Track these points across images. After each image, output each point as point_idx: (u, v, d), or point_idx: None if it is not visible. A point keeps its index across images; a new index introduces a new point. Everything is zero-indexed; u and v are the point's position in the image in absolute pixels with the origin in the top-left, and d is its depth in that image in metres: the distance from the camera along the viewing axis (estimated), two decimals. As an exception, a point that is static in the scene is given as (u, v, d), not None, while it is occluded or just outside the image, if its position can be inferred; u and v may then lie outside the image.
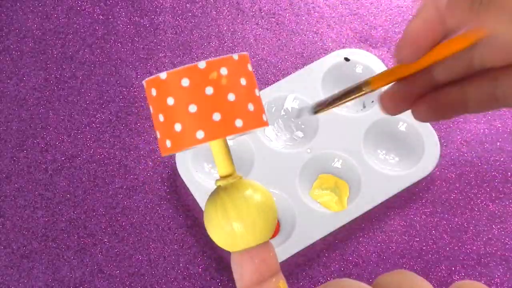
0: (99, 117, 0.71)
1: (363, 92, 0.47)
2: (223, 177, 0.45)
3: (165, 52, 0.74)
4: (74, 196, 0.68)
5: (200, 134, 0.42)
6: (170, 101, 0.42)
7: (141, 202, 0.68)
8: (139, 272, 0.65)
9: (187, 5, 0.76)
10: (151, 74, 0.72)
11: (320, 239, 0.65)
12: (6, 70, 0.73)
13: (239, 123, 0.42)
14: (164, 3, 0.76)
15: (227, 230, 0.43)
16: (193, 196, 0.66)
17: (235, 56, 0.43)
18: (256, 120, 0.43)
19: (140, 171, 0.69)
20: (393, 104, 0.47)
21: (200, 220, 0.67)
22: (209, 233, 0.45)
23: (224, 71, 0.42)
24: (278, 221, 0.66)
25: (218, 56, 0.73)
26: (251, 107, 0.43)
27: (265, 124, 0.44)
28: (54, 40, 0.74)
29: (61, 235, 0.67)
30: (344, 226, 0.65)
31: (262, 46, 0.74)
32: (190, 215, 0.67)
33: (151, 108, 0.44)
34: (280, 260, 0.63)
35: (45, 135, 0.70)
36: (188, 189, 0.67)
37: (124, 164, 0.69)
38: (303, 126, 0.69)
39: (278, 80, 0.71)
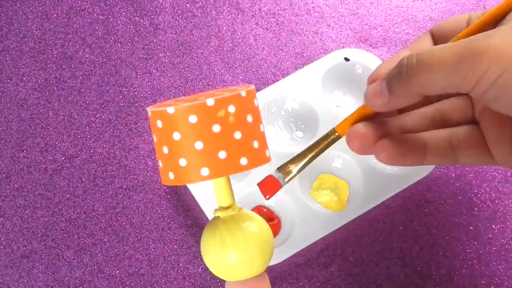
0: (99, 117, 0.71)
1: (331, 139, 0.48)
2: (222, 208, 0.45)
3: (165, 52, 0.74)
4: (74, 196, 0.68)
5: (205, 172, 0.41)
6: (177, 136, 0.41)
7: (141, 202, 0.68)
8: (139, 272, 0.65)
9: (187, 5, 0.76)
10: (151, 74, 0.73)
11: (320, 239, 0.65)
12: (6, 70, 0.73)
13: (244, 161, 0.42)
14: (164, 3, 0.76)
15: (225, 261, 0.44)
16: (193, 196, 0.66)
17: (243, 93, 0.42)
18: (260, 158, 0.43)
19: (140, 171, 0.69)
20: (358, 143, 0.48)
21: (200, 220, 0.67)
22: (205, 262, 0.45)
23: (232, 108, 0.41)
24: (278, 221, 0.66)
25: (218, 55, 0.74)
26: (256, 144, 0.42)
27: (268, 160, 0.44)
28: (54, 40, 0.74)
29: (61, 235, 0.67)
30: (344, 226, 0.65)
31: (262, 46, 0.74)
32: (190, 215, 0.67)
33: (154, 138, 0.43)
34: (280, 260, 0.63)
35: (45, 135, 0.70)
36: (188, 189, 0.67)
37: (124, 164, 0.69)
38: (303, 126, 0.69)
39: (278, 80, 0.71)
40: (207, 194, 0.66)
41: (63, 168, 0.69)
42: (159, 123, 0.42)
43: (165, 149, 0.42)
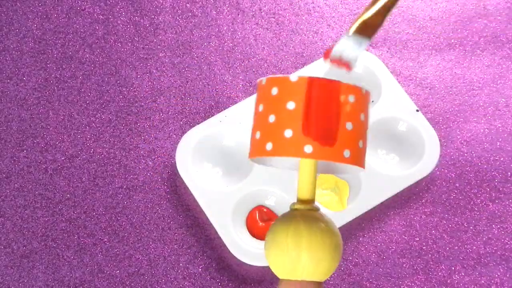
0: (99, 117, 0.71)
1: None
2: (302, 201, 0.43)
3: (165, 52, 0.74)
4: (74, 196, 0.68)
5: (308, 149, 0.40)
6: (291, 105, 0.40)
7: (141, 202, 0.68)
8: (139, 272, 0.65)
9: (187, 5, 0.76)
10: (151, 74, 0.73)
11: (320, 239, 0.65)
12: (6, 70, 0.73)
13: (347, 154, 0.40)
14: (164, 3, 0.76)
15: (292, 256, 0.41)
16: (193, 196, 0.66)
17: (363, 90, 0.41)
18: (360, 159, 0.41)
19: (140, 171, 0.69)
20: None
21: (200, 220, 0.67)
22: (268, 251, 0.43)
23: (352, 98, 0.40)
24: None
25: (218, 55, 0.74)
26: (361, 144, 0.41)
27: (364, 167, 0.41)
28: (54, 40, 0.74)
29: (61, 235, 0.67)
30: (344, 226, 0.65)
31: (262, 46, 0.74)
32: (190, 215, 0.67)
33: (261, 107, 0.41)
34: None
35: (45, 135, 0.70)
36: (188, 189, 0.67)
37: (124, 164, 0.69)
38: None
39: (278, 80, 0.71)
40: (207, 194, 0.66)
41: (63, 168, 0.69)
42: (275, 90, 0.40)
43: (272, 118, 0.40)
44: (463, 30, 0.75)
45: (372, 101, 0.70)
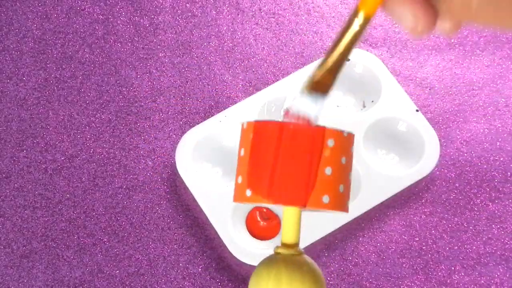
0: (98, 117, 0.71)
1: (357, 29, 0.39)
2: (285, 246, 0.43)
3: (165, 52, 0.74)
4: (74, 196, 0.68)
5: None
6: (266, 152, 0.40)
7: (140, 202, 0.68)
8: (138, 272, 0.65)
9: (187, 5, 0.76)
10: (151, 74, 0.72)
11: (320, 239, 0.65)
12: (6, 70, 0.73)
13: (326, 199, 0.40)
14: (164, 3, 0.76)
15: None
16: (193, 196, 0.66)
17: (345, 133, 0.41)
18: (341, 204, 0.41)
19: (140, 171, 0.69)
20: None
21: (199, 220, 0.67)
22: None
23: (331, 143, 0.40)
24: (278, 221, 0.66)
25: (218, 55, 0.74)
26: (341, 188, 0.41)
27: (347, 211, 0.42)
28: (54, 40, 0.74)
29: (61, 235, 0.67)
30: (344, 226, 0.65)
31: (262, 46, 0.74)
32: (190, 215, 0.67)
33: (242, 151, 0.41)
34: (280, 260, 0.63)
35: (45, 135, 0.70)
36: (188, 189, 0.67)
37: (124, 164, 0.69)
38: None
39: (278, 80, 0.71)
40: (207, 194, 0.66)
41: (63, 168, 0.69)
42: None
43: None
44: (463, 30, 0.75)
45: (372, 101, 0.69)
